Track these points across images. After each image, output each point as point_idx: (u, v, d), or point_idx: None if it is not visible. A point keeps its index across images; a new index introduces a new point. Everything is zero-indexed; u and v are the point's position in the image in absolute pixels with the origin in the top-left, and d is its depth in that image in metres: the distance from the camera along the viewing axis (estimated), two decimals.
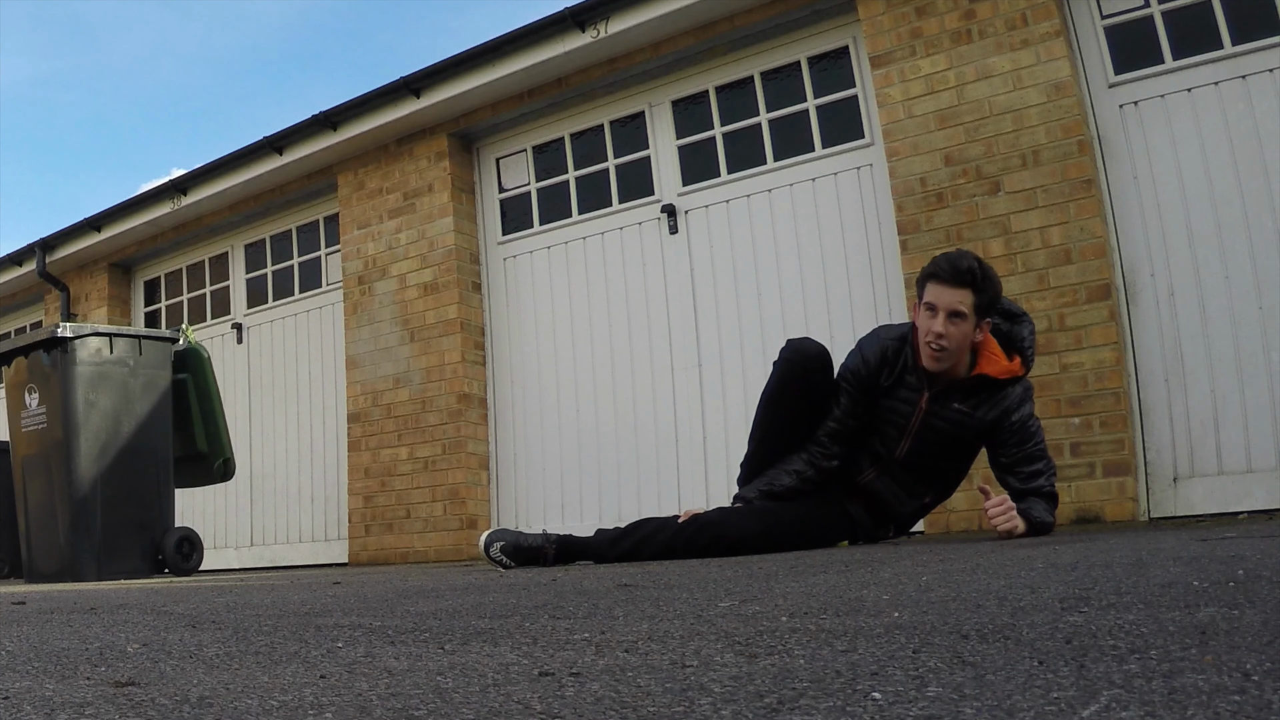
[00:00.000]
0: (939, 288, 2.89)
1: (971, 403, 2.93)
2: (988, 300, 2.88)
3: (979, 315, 2.88)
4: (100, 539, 4.39)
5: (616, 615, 1.38)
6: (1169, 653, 0.80)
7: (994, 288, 2.90)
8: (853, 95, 4.69)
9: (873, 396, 3.03)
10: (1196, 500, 3.67)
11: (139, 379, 4.56)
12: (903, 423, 3.01)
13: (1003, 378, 2.91)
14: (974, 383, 2.92)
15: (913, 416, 2.99)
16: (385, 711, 0.77)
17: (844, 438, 3.07)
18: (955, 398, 2.94)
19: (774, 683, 0.79)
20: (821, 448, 3.06)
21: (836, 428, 3.06)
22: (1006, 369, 2.91)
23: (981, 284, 2.86)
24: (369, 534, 5.81)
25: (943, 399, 2.95)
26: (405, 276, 5.85)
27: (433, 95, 5.58)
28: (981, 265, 2.90)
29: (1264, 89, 3.68)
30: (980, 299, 2.86)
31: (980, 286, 2.86)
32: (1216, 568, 1.45)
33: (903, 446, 3.03)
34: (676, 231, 5.10)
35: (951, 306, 2.86)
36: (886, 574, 1.76)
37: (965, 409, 2.94)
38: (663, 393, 5.05)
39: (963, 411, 2.94)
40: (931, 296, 2.89)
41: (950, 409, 2.95)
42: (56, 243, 7.72)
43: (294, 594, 2.25)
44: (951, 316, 2.86)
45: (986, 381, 2.91)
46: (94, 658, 1.18)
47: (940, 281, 2.88)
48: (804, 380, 3.07)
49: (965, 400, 2.93)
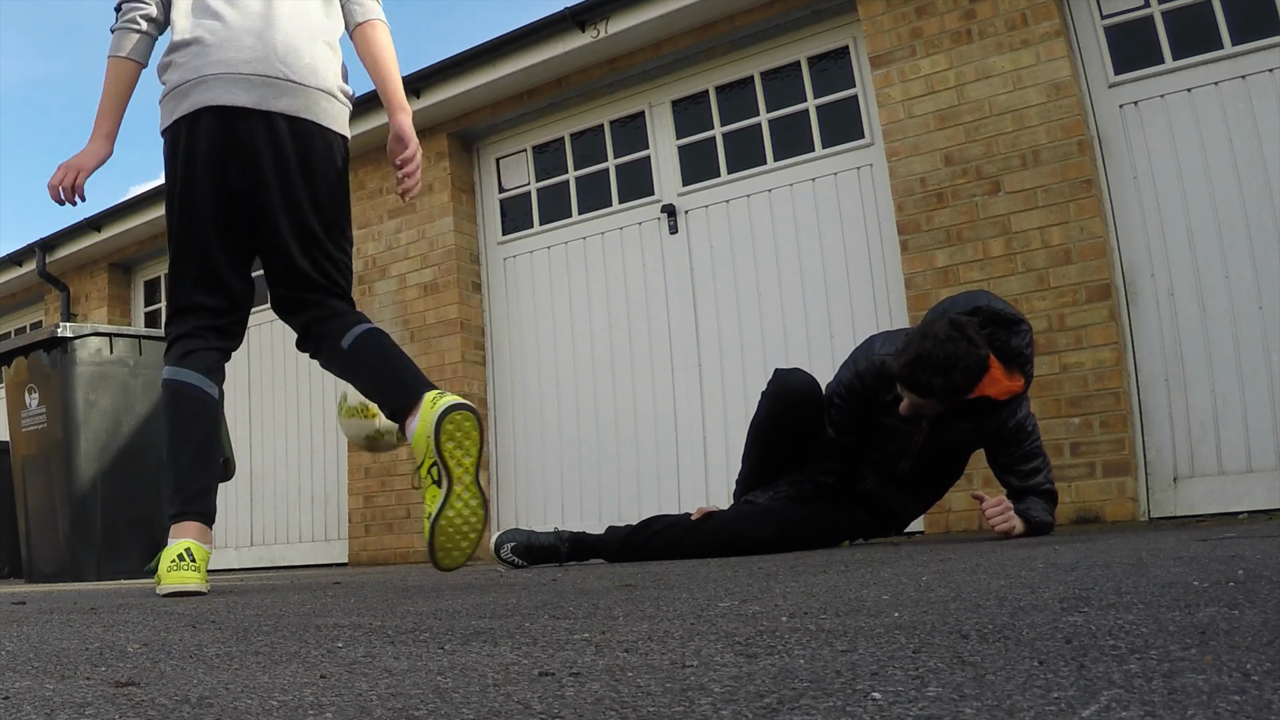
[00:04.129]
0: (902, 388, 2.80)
1: (974, 420, 2.88)
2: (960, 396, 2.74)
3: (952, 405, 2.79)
4: (100, 539, 4.39)
5: (616, 615, 1.38)
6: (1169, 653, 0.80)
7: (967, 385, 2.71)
8: (853, 95, 4.69)
9: (870, 411, 2.99)
10: (1196, 500, 3.67)
11: (139, 379, 4.56)
12: (904, 442, 2.98)
13: (1004, 399, 2.81)
14: (975, 405, 2.83)
15: (914, 437, 2.96)
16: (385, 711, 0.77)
17: (842, 453, 3.06)
18: (958, 418, 2.88)
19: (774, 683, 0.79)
20: (817, 468, 3.06)
21: (833, 448, 3.05)
22: (1008, 389, 2.79)
23: (947, 394, 2.72)
24: (369, 534, 5.81)
25: (945, 420, 2.90)
26: (405, 276, 5.85)
27: (433, 95, 5.58)
28: (946, 376, 2.67)
29: (1264, 89, 3.68)
30: (949, 400, 2.75)
31: (946, 395, 2.73)
32: (1216, 568, 1.45)
33: (905, 465, 3.02)
34: (676, 231, 5.10)
35: (915, 407, 2.81)
36: (886, 574, 1.76)
37: (968, 426, 2.90)
38: (663, 393, 5.05)
39: (964, 429, 2.91)
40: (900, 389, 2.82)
41: (953, 428, 2.91)
42: (56, 243, 7.72)
43: (294, 594, 2.25)
44: (917, 408, 2.82)
45: (988, 404, 2.83)
46: (94, 658, 1.18)
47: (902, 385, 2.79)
48: (792, 415, 3.03)
49: (967, 419, 2.88)
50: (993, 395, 2.78)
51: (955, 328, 2.70)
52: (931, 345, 2.68)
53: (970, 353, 2.67)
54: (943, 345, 2.67)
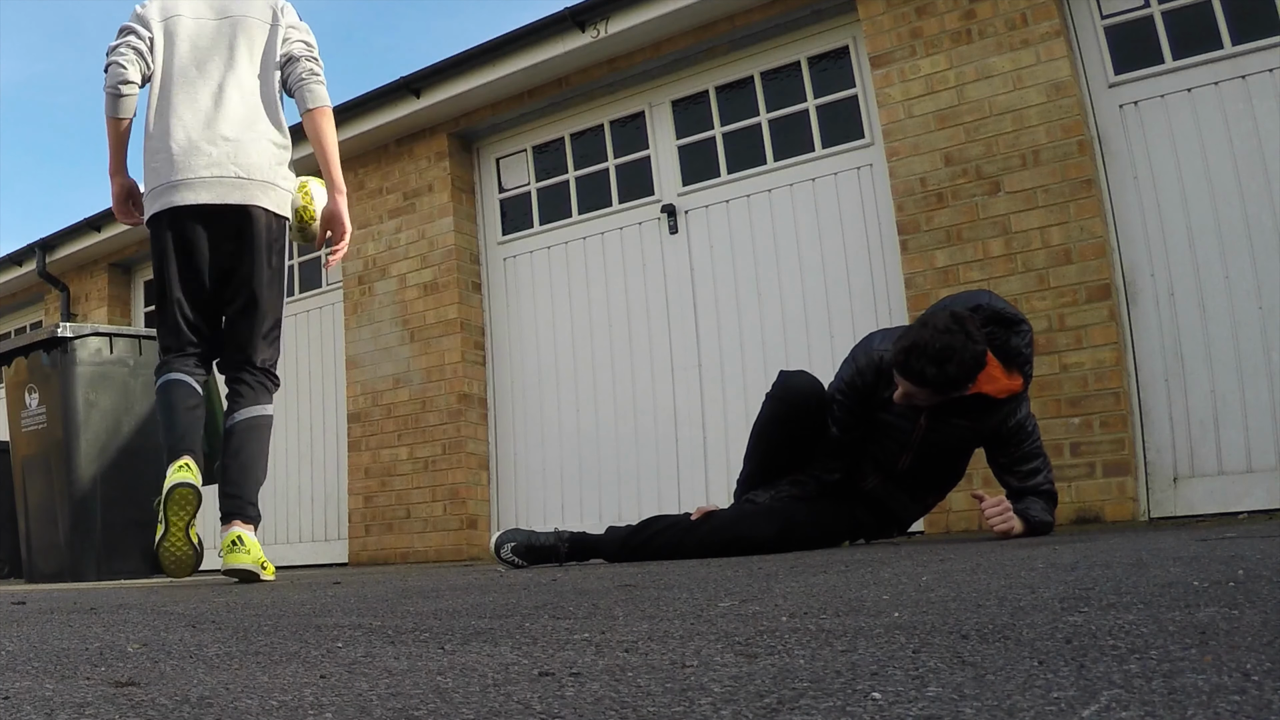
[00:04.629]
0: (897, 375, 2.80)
1: (971, 417, 2.88)
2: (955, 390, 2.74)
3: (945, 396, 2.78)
4: (100, 539, 4.38)
5: (616, 615, 1.38)
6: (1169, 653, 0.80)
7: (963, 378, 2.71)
8: (853, 95, 4.69)
9: (870, 407, 2.99)
10: (1196, 500, 3.67)
11: (139, 379, 4.56)
12: (903, 438, 2.98)
13: (1002, 396, 2.80)
14: (973, 401, 2.83)
15: (912, 433, 2.95)
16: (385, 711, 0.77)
17: (845, 452, 3.06)
18: (955, 415, 2.88)
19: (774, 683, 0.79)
20: (822, 466, 3.06)
21: (836, 445, 3.05)
22: (1006, 388, 2.78)
23: (941, 385, 2.70)
24: (369, 534, 5.81)
25: (942, 416, 2.90)
26: (405, 276, 5.85)
27: (433, 95, 5.58)
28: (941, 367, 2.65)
29: (1264, 89, 3.68)
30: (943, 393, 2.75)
31: (940, 387, 2.71)
32: (1216, 568, 1.45)
33: (904, 460, 3.01)
34: (676, 231, 5.10)
35: (909, 396, 2.80)
36: (886, 574, 1.76)
37: (966, 423, 2.90)
38: (663, 392, 5.05)
39: (963, 425, 2.91)
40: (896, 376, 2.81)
41: (951, 424, 2.90)
42: (56, 243, 7.72)
43: (294, 594, 2.25)
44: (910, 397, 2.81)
45: (986, 401, 2.82)
46: (94, 658, 1.18)
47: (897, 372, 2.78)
48: (795, 417, 3.02)
49: (965, 416, 2.87)
50: (990, 393, 2.77)
51: (955, 320, 2.68)
52: (929, 335, 2.67)
53: (967, 346, 2.66)
54: (940, 336, 2.66)
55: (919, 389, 2.74)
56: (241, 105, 3.05)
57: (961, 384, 2.71)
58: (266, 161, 3.07)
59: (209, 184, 3.00)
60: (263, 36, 3.12)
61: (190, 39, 3.08)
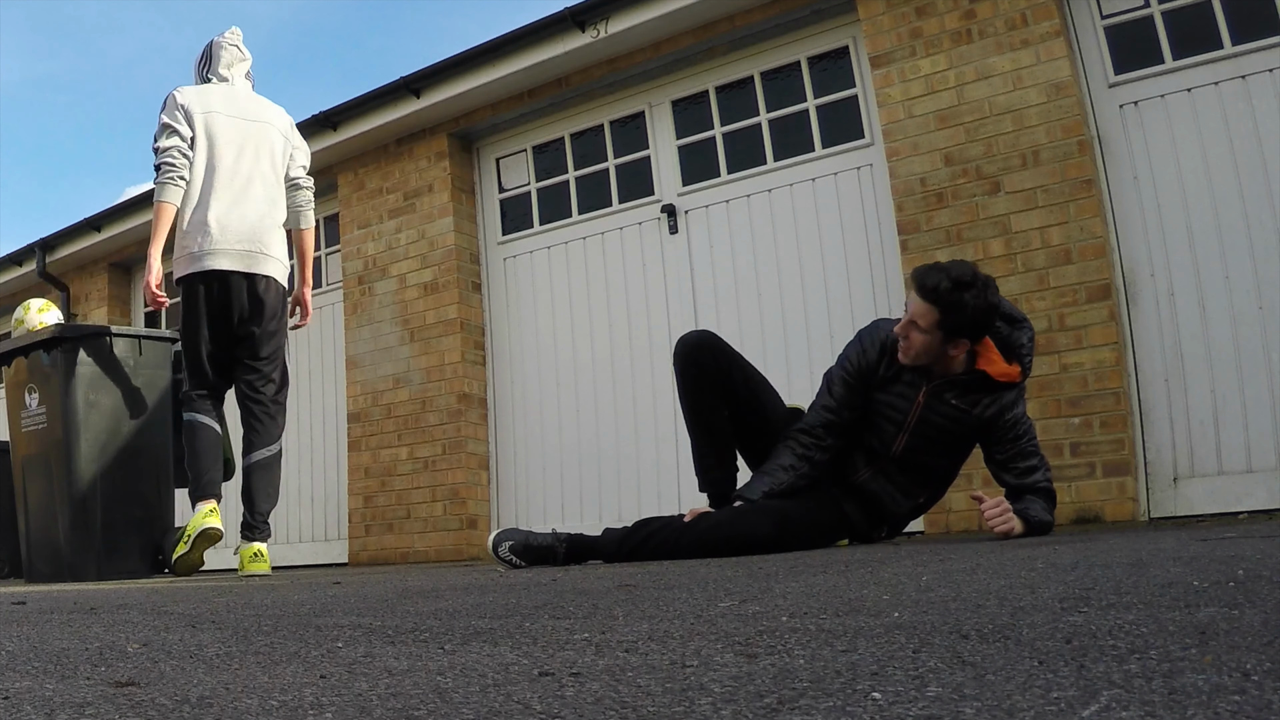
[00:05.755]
0: (911, 293, 2.90)
1: (969, 400, 2.92)
2: (957, 324, 2.78)
3: (945, 333, 2.81)
4: (100, 539, 4.38)
5: (616, 615, 1.38)
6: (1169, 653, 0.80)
7: (968, 314, 2.76)
8: (853, 95, 4.69)
9: (870, 388, 3.02)
10: (1196, 500, 3.67)
11: (139, 379, 4.56)
12: (900, 418, 3.00)
13: (1000, 380, 2.88)
14: (972, 380, 2.90)
15: (910, 411, 2.98)
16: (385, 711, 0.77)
17: (838, 430, 3.06)
18: (953, 394, 2.93)
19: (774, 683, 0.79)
20: (815, 438, 3.05)
21: (831, 418, 3.05)
22: (1005, 372, 2.88)
23: (947, 304, 2.75)
24: (369, 534, 5.81)
25: (940, 394, 2.94)
26: (405, 276, 5.85)
27: (433, 95, 5.58)
28: (957, 287, 2.74)
29: (1264, 89, 3.68)
30: (946, 318, 2.78)
31: (946, 306, 2.76)
32: (1216, 568, 1.45)
33: (899, 442, 3.02)
34: (676, 231, 5.10)
35: (911, 316, 2.85)
36: (886, 574, 1.76)
37: (963, 405, 2.93)
38: (663, 392, 5.05)
39: (959, 408, 2.93)
40: (908, 297, 2.91)
41: (948, 404, 2.94)
42: (56, 243, 7.72)
43: (294, 594, 2.25)
44: (910, 325, 2.85)
45: (985, 381, 2.89)
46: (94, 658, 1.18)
47: (912, 288, 2.89)
48: (696, 369, 3.14)
49: (962, 397, 2.93)
50: (990, 373, 2.87)
51: (984, 276, 2.83)
52: (958, 266, 2.85)
53: (984, 295, 2.78)
54: (966, 269, 2.82)
55: (922, 304, 2.80)
56: (263, 196, 3.98)
57: (964, 313, 2.76)
58: (277, 240, 4.00)
59: (238, 255, 3.89)
60: (281, 146, 4.09)
61: (227, 138, 3.95)
